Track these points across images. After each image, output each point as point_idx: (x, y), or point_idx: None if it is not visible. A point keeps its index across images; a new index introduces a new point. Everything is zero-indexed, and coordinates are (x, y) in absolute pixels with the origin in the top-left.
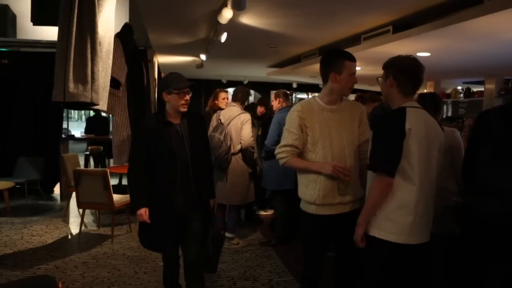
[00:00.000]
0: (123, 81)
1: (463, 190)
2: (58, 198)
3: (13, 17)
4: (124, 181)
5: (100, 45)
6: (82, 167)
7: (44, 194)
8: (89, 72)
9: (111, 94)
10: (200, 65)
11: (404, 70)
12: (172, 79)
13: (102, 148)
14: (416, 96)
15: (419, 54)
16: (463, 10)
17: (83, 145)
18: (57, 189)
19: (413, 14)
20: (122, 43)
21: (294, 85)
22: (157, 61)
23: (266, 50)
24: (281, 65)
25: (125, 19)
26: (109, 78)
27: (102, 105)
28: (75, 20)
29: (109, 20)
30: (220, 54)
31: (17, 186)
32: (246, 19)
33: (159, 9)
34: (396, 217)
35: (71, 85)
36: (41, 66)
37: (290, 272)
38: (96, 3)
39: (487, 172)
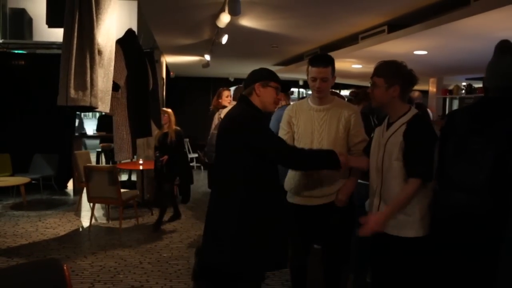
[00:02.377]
0: (122, 84)
1: None
2: (71, 193)
3: (30, 20)
4: (134, 177)
5: (101, 54)
6: (94, 163)
7: (58, 189)
8: (88, 79)
9: (111, 96)
10: (206, 64)
11: (410, 82)
12: (269, 71)
13: (112, 145)
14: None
15: (416, 52)
16: (452, 10)
17: (97, 142)
18: (70, 185)
19: (407, 14)
20: (123, 48)
21: (301, 82)
22: (165, 61)
23: (268, 50)
24: (286, 63)
25: (134, 22)
26: (111, 83)
27: (105, 107)
28: (75, 33)
29: (110, 31)
30: (224, 54)
31: (33, 181)
32: (246, 22)
33: (162, 13)
34: (428, 214)
35: (72, 91)
36: (55, 66)
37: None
38: (95, 17)
39: (450, 166)
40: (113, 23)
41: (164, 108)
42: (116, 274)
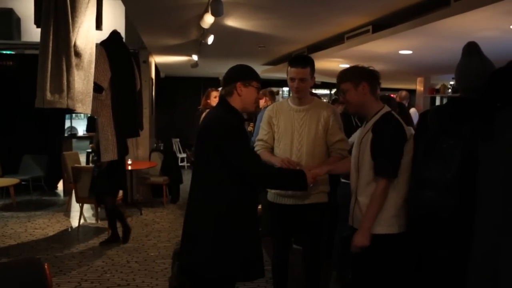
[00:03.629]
0: (106, 85)
1: None
2: (61, 193)
3: (18, 21)
4: None
5: (80, 56)
6: (84, 164)
7: (48, 190)
8: (64, 81)
9: (94, 98)
10: (195, 64)
11: (375, 77)
12: (250, 70)
13: None
14: None
15: (401, 52)
16: (434, 11)
17: (87, 143)
18: (60, 185)
19: (390, 14)
20: (106, 49)
21: None
22: (154, 61)
23: (256, 50)
24: (275, 62)
25: (122, 21)
26: (92, 84)
27: (85, 109)
28: (51, 37)
29: (90, 33)
30: (212, 55)
31: (22, 182)
32: (231, 22)
33: (148, 14)
34: (403, 211)
35: (48, 94)
36: None
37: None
38: (70, 20)
39: (421, 165)
40: (92, 27)
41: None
42: (103, 273)
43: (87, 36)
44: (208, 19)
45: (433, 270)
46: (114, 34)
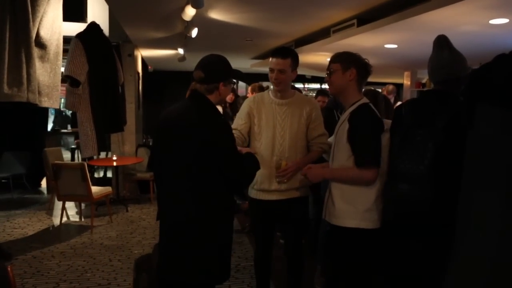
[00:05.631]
0: (83, 79)
1: None
2: (45, 191)
3: None
4: (109, 174)
5: (46, 48)
6: (69, 160)
7: (30, 187)
8: (24, 74)
9: (70, 92)
10: (182, 58)
11: (366, 69)
12: (229, 67)
13: None
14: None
15: (387, 45)
16: (416, 4)
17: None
18: (44, 183)
19: (375, 8)
20: (83, 42)
21: None
22: (141, 55)
23: (243, 43)
24: (263, 56)
25: (106, 14)
26: (59, 77)
27: (53, 103)
28: (7, 27)
29: (56, 24)
30: (198, 48)
31: (3, 180)
32: (214, 15)
33: (129, 6)
34: (376, 207)
35: (6, 87)
36: None
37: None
38: (30, 10)
39: (396, 158)
40: (58, 16)
41: None
42: (83, 273)
43: (52, 26)
44: (189, 11)
45: (408, 263)
46: (92, 26)
